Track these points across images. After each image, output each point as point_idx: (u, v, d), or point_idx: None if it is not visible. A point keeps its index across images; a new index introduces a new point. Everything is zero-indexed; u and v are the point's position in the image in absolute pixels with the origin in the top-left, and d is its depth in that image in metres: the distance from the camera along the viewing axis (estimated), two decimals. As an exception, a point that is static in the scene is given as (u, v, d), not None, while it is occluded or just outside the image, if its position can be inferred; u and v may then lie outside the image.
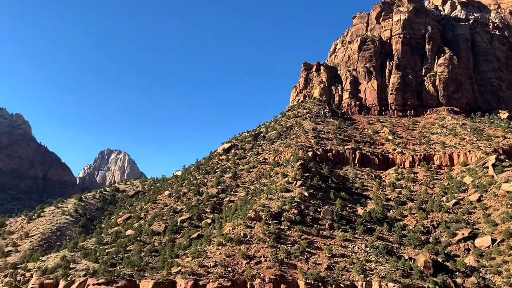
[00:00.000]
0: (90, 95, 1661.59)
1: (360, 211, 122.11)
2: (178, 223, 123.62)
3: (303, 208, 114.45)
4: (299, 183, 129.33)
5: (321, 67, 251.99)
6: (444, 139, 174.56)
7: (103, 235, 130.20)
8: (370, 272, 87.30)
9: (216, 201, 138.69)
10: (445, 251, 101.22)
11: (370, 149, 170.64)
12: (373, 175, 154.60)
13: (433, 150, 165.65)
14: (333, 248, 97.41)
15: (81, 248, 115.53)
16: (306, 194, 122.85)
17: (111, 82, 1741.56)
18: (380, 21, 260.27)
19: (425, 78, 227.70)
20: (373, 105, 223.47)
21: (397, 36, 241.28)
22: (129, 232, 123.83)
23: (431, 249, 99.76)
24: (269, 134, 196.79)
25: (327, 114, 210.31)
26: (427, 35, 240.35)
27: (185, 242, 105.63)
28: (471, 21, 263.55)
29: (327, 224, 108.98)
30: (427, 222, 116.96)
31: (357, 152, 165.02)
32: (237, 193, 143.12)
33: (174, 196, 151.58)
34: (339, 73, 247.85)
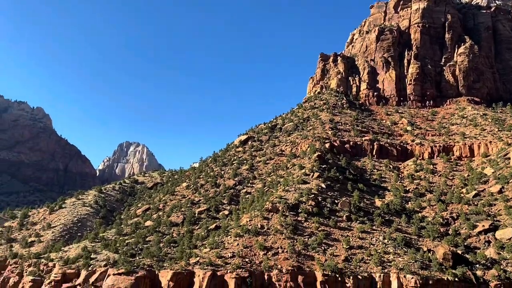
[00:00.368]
0: (109, 88, 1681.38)
1: (378, 202, 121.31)
2: (196, 215, 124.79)
3: (320, 199, 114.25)
4: (316, 174, 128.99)
5: (338, 57, 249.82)
6: (464, 130, 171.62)
7: (122, 226, 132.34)
8: (388, 264, 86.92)
9: (233, 193, 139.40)
10: (465, 243, 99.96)
11: (388, 140, 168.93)
12: (391, 166, 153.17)
13: (453, 141, 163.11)
14: (351, 239, 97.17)
15: (101, 238, 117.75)
16: (323, 185, 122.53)
17: (129, 75, 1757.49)
18: (398, 10, 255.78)
19: (444, 68, 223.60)
20: (391, 96, 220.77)
21: (416, 25, 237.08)
22: (148, 223, 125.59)
23: (450, 241, 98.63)
24: (285, 125, 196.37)
25: (344, 105, 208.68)
26: (447, 24, 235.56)
27: (203, 233, 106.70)
28: (492, 8, 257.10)
29: (344, 215, 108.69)
30: (447, 213, 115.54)
31: (375, 143, 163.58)
32: (254, 185, 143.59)
33: (192, 188, 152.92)
34: (356, 63, 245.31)
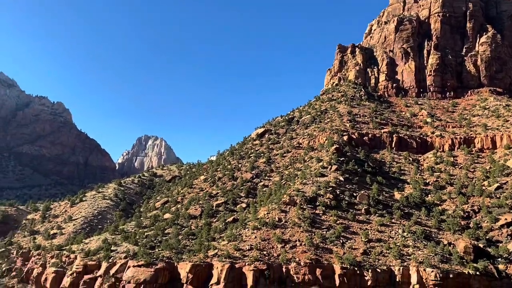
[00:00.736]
0: (127, 83, 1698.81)
1: (397, 195, 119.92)
2: (214, 207, 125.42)
3: (338, 192, 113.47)
4: (334, 167, 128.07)
5: (356, 49, 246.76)
6: (486, 121, 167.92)
7: (142, 218, 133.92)
8: (408, 257, 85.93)
9: (251, 186, 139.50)
10: (487, 237, 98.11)
11: (408, 133, 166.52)
12: (410, 159, 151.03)
13: (474, 133, 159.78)
14: (370, 233, 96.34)
15: (121, 231, 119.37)
16: (342, 178, 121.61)
17: (147, 70, 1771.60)
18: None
19: (465, 58, 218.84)
20: (411, 87, 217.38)
21: (436, 15, 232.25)
22: (167, 215, 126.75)
23: (471, 234, 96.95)
24: (303, 118, 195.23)
25: (362, 97, 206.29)
26: (468, 13, 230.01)
27: (220, 226, 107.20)
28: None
29: (363, 209, 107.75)
30: (468, 206, 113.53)
31: (394, 135, 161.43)
32: (271, 178, 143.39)
33: (210, 181, 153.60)
34: (375, 54, 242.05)
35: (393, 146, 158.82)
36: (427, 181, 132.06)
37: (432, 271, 79.64)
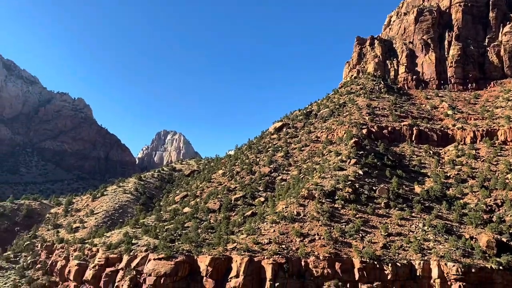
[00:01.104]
0: (146, 78, 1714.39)
1: (417, 189, 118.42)
2: (232, 201, 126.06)
3: (357, 186, 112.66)
4: (353, 161, 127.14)
5: (375, 41, 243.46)
6: (510, 113, 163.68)
7: (162, 212, 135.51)
8: (428, 251, 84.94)
9: (269, 180, 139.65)
10: (510, 231, 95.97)
11: (428, 125, 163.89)
12: (431, 152, 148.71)
13: (497, 125, 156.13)
14: (389, 226, 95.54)
15: (142, 224, 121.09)
16: (361, 172, 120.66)
17: (165, 66, 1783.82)
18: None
19: (488, 48, 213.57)
20: (431, 79, 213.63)
21: (457, 4, 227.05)
22: (186, 209, 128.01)
23: (494, 228, 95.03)
24: (321, 112, 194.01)
25: (382, 90, 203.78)
26: (491, 2, 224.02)
27: (239, 220, 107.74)
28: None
29: (382, 202, 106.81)
30: (490, 200, 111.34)
31: (414, 128, 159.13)
32: (289, 172, 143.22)
33: (228, 175, 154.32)
34: (394, 46, 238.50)
35: (413, 139, 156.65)
36: (448, 175, 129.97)
37: (454, 266, 78.59)
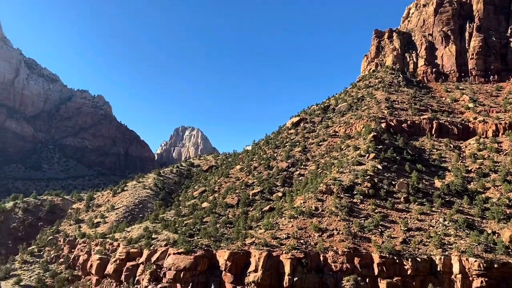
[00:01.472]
0: (164, 75, 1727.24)
1: (437, 183, 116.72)
2: (250, 196, 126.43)
3: (376, 181, 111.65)
4: (372, 155, 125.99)
5: (394, 33, 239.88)
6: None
7: (181, 207, 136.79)
8: (449, 247, 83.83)
9: (286, 175, 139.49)
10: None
11: (449, 119, 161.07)
12: (451, 146, 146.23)
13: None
14: (409, 221, 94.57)
15: (161, 219, 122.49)
16: (380, 167, 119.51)
17: (183, 62, 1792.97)
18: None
19: (510, 39, 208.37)
20: (451, 72, 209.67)
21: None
22: (205, 204, 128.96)
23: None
24: (339, 106, 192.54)
25: (401, 83, 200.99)
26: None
27: (257, 215, 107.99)
28: None
29: (402, 197, 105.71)
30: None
31: (434, 122, 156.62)
32: (307, 167, 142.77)
33: (246, 170, 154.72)
34: (413, 39, 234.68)
35: (433, 132, 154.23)
36: (469, 169, 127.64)
37: (476, 261, 77.40)
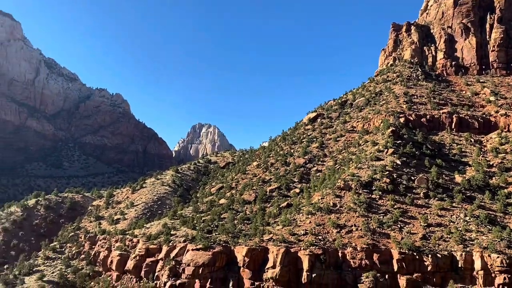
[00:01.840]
0: (181, 73, 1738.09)
1: (458, 178, 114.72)
2: (267, 193, 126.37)
3: (395, 176, 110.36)
4: (390, 151, 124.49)
5: (412, 27, 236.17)
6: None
7: (198, 204, 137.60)
8: (471, 242, 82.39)
9: (304, 171, 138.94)
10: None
11: (469, 112, 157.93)
12: (472, 140, 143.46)
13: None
14: (429, 217, 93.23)
15: (180, 216, 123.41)
16: (399, 162, 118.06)
17: (200, 60, 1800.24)
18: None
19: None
20: (472, 65, 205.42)
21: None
22: (222, 201, 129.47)
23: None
24: (357, 101, 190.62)
25: (419, 77, 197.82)
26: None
27: (275, 211, 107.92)
28: None
29: (421, 192, 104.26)
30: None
31: (454, 116, 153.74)
32: (324, 163, 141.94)
33: (262, 167, 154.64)
34: (432, 32, 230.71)
35: (453, 127, 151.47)
36: (491, 163, 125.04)
37: (498, 257, 75.88)
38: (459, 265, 78.07)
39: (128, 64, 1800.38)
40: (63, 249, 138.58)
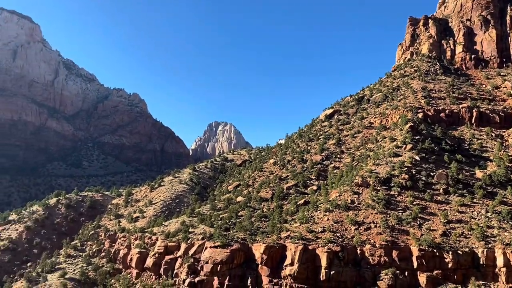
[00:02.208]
0: (198, 72, 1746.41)
1: (479, 174, 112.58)
2: (284, 190, 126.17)
3: (414, 172, 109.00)
4: (409, 146, 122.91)
5: (429, 20, 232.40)
6: None
7: (216, 201, 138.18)
8: (493, 239, 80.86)
9: (321, 168, 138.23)
10: None
11: (490, 107, 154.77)
12: (493, 134, 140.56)
13: None
14: (449, 213, 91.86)
15: (197, 214, 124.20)
16: (417, 158, 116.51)
17: (216, 60, 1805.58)
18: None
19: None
20: (492, 58, 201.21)
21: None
22: (239, 198, 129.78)
23: None
24: (374, 96, 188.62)
25: (438, 71, 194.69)
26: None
27: (292, 208, 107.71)
28: None
29: (441, 188, 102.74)
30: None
31: (474, 110, 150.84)
32: (342, 160, 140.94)
33: (279, 164, 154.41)
34: (450, 25, 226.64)
35: (473, 121, 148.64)
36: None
37: (521, 254, 74.35)
38: (481, 262, 76.86)
39: (145, 64, 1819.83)
40: (84, 247, 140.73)
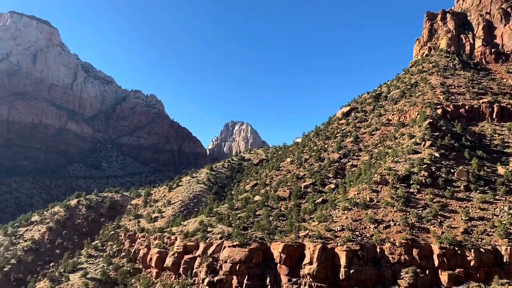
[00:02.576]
0: (214, 72, 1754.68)
1: (501, 170, 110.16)
2: (302, 189, 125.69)
3: (434, 169, 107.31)
4: (428, 143, 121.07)
5: (447, 15, 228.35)
6: None
7: (233, 201, 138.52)
8: (516, 237, 79.12)
9: (338, 166, 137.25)
10: None
11: (511, 101, 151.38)
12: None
13: None
14: (470, 210, 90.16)
15: (215, 213, 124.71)
16: (437, 154, 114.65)
17: (231, 60, 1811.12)
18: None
19: None
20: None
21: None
22: (257, 198, 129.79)
23: None
24: (391, 93, 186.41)
25: (457, 66, 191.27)
26: None
27: (310, 207, 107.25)
28: None
29: (462, 185, 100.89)
30: None
31: (495, 105, 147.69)
32: (360, 157, 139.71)
33: (296, 163, 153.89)
34: (469, 19, 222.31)
35: (493, 117, 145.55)
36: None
37: (546, 252, 72.54)
38: (504, 260, 75.21)
39: (161, 66, 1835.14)
40: (105, 247, 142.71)
